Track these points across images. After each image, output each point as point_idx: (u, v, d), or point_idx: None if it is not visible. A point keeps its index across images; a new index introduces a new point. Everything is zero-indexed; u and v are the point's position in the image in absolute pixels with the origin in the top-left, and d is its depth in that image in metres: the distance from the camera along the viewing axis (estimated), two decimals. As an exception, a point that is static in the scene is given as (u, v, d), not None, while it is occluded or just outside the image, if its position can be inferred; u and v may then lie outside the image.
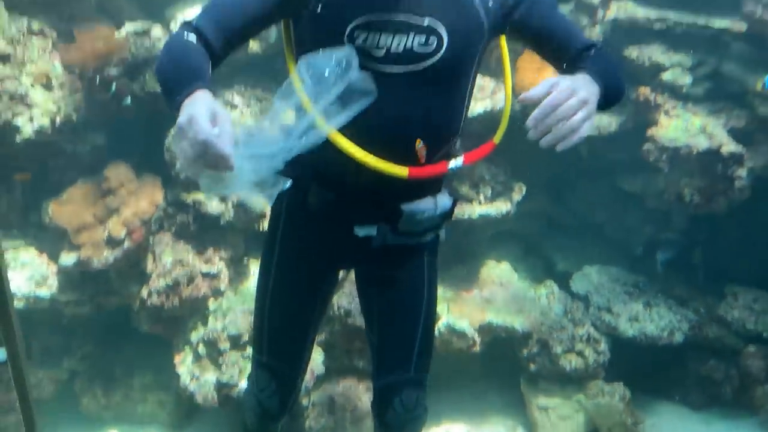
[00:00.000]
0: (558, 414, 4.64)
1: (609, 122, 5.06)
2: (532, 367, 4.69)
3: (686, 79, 4.86)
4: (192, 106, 1.34)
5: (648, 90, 4.90)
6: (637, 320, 4.84)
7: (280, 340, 2.33)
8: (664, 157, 4.71)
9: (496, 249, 5.63)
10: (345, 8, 1.68)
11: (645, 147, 4.79)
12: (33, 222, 4.75)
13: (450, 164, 1.90)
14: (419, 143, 1.81)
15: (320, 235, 2.12)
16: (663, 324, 4.80)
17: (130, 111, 4.60)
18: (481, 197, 4.96)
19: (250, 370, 2.44)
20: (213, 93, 1.44)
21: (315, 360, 4.17)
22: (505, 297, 5.02)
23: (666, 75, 4.87)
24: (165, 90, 1.54)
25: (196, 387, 4.31)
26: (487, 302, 4.93)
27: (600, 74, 1.66)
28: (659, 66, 4.90)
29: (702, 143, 4.58)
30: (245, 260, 4.89)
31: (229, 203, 4.64)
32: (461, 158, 1.91)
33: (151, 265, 4.51)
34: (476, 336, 4.56)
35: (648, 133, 4.81)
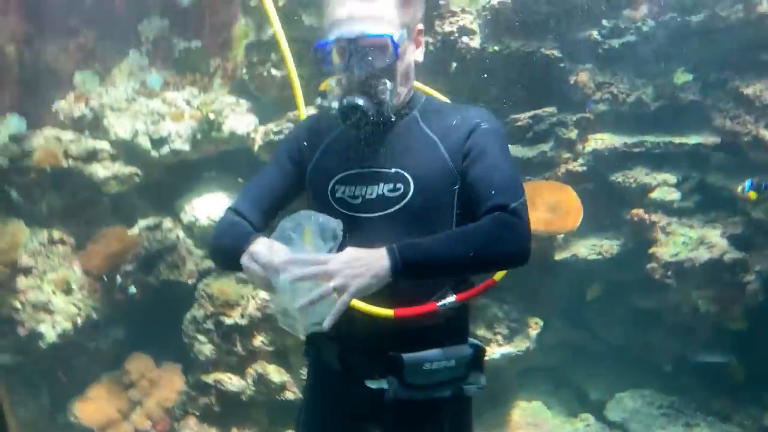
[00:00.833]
0: None
1: (610, 246, 5.18)
2: None
3: (675, 195, 5.02)
4: (254, 246, 1.69)
5: (641, 211, 5.04)
6: (681, 444, 4.64)
7: None
8: (670, 273, 4.75)
9: (525, 387, 5.53)
10: (327, 169, 1.95)
11: (649, 266, 4.84)
12: (61, 423, 4.78)
13: (439, 303, 1.85)
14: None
15: (339, 391, 2.09)
16: (709, 445, 4.60)
17: (138, 299, 4.76)
18: (499, 337, 4.96)
19: None
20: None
21: None
22: (542, 438, 4.86)
23: (654, 194, 5.04)
24: (226, 257, 1.86)
25: None
26: (524, 447, 4.77)
27: (431, 245, 1.68)
28: (646, 186, 5.09)
29: (704, 255, 4.64)
30: (270, 436, 4.83)
31: (249, 378, 4.68)
32: (452, 297, 1.86)
33: (178, 454, 4.47)
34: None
35: (649, 252, 4.89)
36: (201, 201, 5.09)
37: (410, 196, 1.84)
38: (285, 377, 4.73)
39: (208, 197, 5.15)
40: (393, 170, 1.86)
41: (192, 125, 4.97)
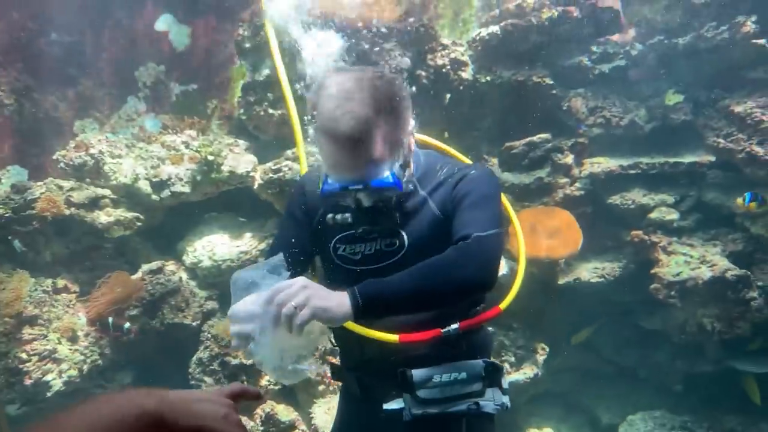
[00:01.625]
0: None
1: (612, 268, 5.19)
2: None
3: (674, 215, 5.06)
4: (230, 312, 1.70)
5: (641, 232, 5.07)
6: (697, 465, 4.60)
7: None
8: (674, 293, 4.76)
9: (536, 414, 5.50)
10: (329, 228, 2.03)
11: (652, 286, 4.85)
12: (68, 474, 4.72)
13: (443, 330, 1.94)
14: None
15: (363, 417, 2.17)
16: (724, 464, 4.56)
17: (134, 336, 4.75)
18: (506, 365, 4.95)
19: None
20: None
21: None
22: (554, 466, 4.81)
23: (653, 215, 5.08)
24: None
25: None
26: (537, 477, 4.72)
27: (388, 282, 1.69)
28: (645, 207, 5.13)
29: (706, 273, 4.65)
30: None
31: (257, 419, 4.65)
32: (456, 324, 1.94)
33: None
34: None
35: (652, 272, 4.90)
36: (203, 242, 5.12)
37: (405, 250, 1.96)
38: (293, 415, 4.71)
39: (211, 237, 5.18)
40: (388, 228, 1.97)
41: (191, 167, 5.03)
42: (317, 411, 4.57)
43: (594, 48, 5.71)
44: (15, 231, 4.67)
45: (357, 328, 1.96)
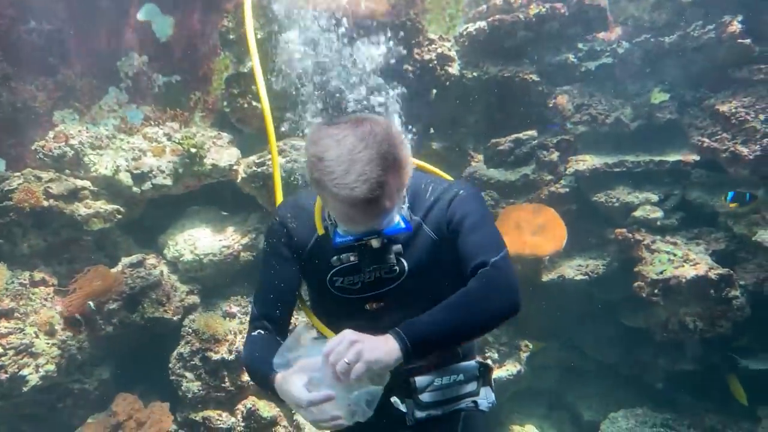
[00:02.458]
0: None
1: (596, 265, 5.19)
2: None
3: (658, 213, 5.06)
4: (285, 387, 1.76)
5: (624, 230, 5.07)
6: (678, 463, 4.62)
7: None
8: (657, 291, 4.76)
9: (518, 411, 5.50)
10: (323, 261, 2.03)
11: (636, 284, 4.86)
12: (46, 469, 4.67)
13: None
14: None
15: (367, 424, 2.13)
16: (705, 462, 4.58)
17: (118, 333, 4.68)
18: (489, 362, 4.92)
19: None
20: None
21: None
22: (536, 462, 4.81)
23: (638, 213, 5.09)
24: (259, 384, 1.97)
25: None
26: (518, 473, 4.72)
27: (429, 322, 1.76)
28: (629, 205, 5.13)
29: (689, 272, 4.66)
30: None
31: (238, 415, 4.61)
32: None
33: (167, 496, 4.37)
34: None
35: (635, 270, 4.91)
36: (185, 235, 5.06)
37: (406, 275, 2.02)
38: (275, 411, 4.67)
39: (193, 231, 5.12)
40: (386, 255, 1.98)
41: (173, 160, 4.95)
42: (299, 407, 4.53)
43: (581, 45, 5.70)
44: (-8, 222, 4.58)
45: None
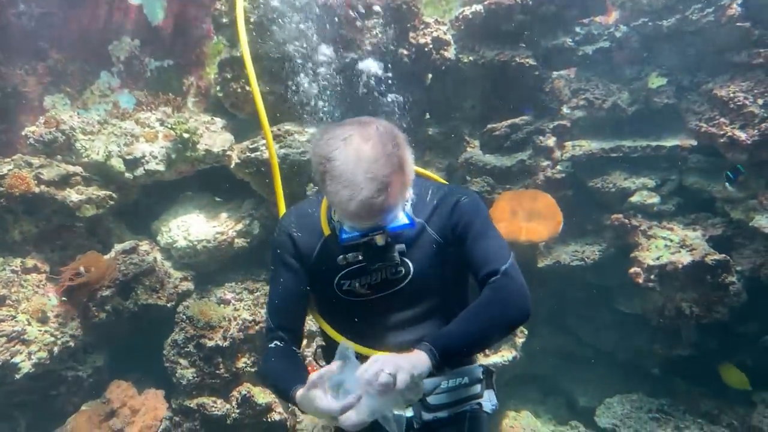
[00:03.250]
0: None
1: (592, 251, 5.17)
2: None
3: (654, 199, 5.03)
4: (309, 403, 1.76)
5: (620, 215, 5.04)
6: (672, 448, 4.63)
7: None
8: (653, 277, 4.74)
9: (514, 396, 5.49)
10: (330, 267, 2.09)
11: (632, 270, 4.84)
12: (40, 456, 4.65)
13: None
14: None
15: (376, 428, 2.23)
16: (699, 448, 4.59)
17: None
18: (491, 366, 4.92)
19: None
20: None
21: None
22: (532, 448, 4.82)
23: (634, 198, 5.06)
24: (276, 393, 2.02)
25: None
26: (514, 458, 4.72)
27: (454, 335, 1.85)
28: (626, 191, 5.10)
29: (686, 257, 4.64)
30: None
31: (233, 401, 4.59)
32: None
33: (162, 483, 4.36)
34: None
35: (631, 256, 4.89)
36: (178, 221, 5.01)
37: (411, 275, 2.06)
38: (270, 398, 4.65)
39: (186, 217, 5.07)
40: (396, 258, 2.04)
41: (166, 145, 4.90)
42: (294, 394, 4.51)
43: (578, 29, 5.64)
44: (-18, 209, 4.53)
45: (364, 350, 2.05)
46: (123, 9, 5.42)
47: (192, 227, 4.96)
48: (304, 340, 2.64)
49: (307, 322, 2.38)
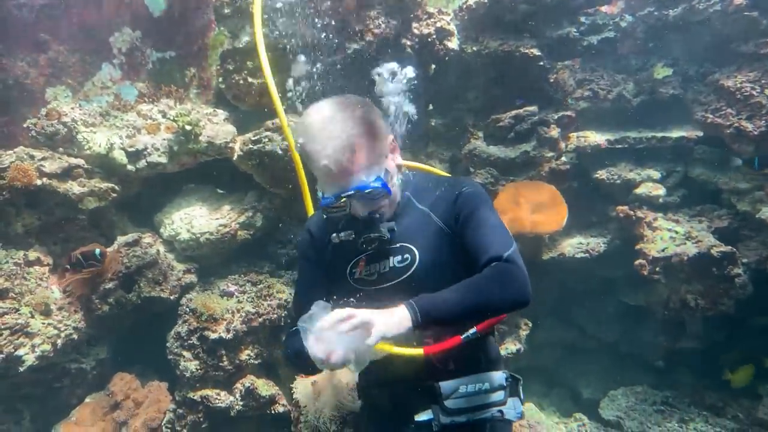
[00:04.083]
0: None
1: (597, 243, 5.14)
2: None
3: (660, 190, 5.00)
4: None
5: (626, 207, 5.01)
6: (677, 440, 4.61)
7: None
8: (658, 269, 4.72)
9: (517, 388, 5.48)
10: (342, 257, 2.22)
11: (637, 262, 4.81)
12: (44, 448, 4.65)
13: (463, 336, 2.11)
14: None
15: (392, 429, 2.28)
16: (705, 440, 4.57)
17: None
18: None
19: None
20: None
21: None
22: (536, 440, 4.80)
23: (639, 190, 5.02)
24: (298, 358, 2.05)
25: None
26: (519, 450, 4.71)
27: (442, 298, 1.88)
28: (631, 182, 5.06)
29: (691, 249, 4.61)
30: (261, 451, 4.73)
31: (237, 393, 4.58)
32: (473, 328, 2.12)
33: (166, 475, 4.36)
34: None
35: (637, 248, 4.85)
36: (181, 214, 4.99)
37: (418, 263, 2.11)
38: (274, 390, 4.65)
39: (189, 210, 5.05)
40: (399, 245, 2.14)
41: (168, 137, 4.87)
42: (298, 386, 4.50)
43: (583, 19, 5.58)
44: (-16, 202, 4.51)
45: (384, 347, 2.11)
46: (124, 0, 5.38)
47: (195, 219, 4.94)
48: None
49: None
